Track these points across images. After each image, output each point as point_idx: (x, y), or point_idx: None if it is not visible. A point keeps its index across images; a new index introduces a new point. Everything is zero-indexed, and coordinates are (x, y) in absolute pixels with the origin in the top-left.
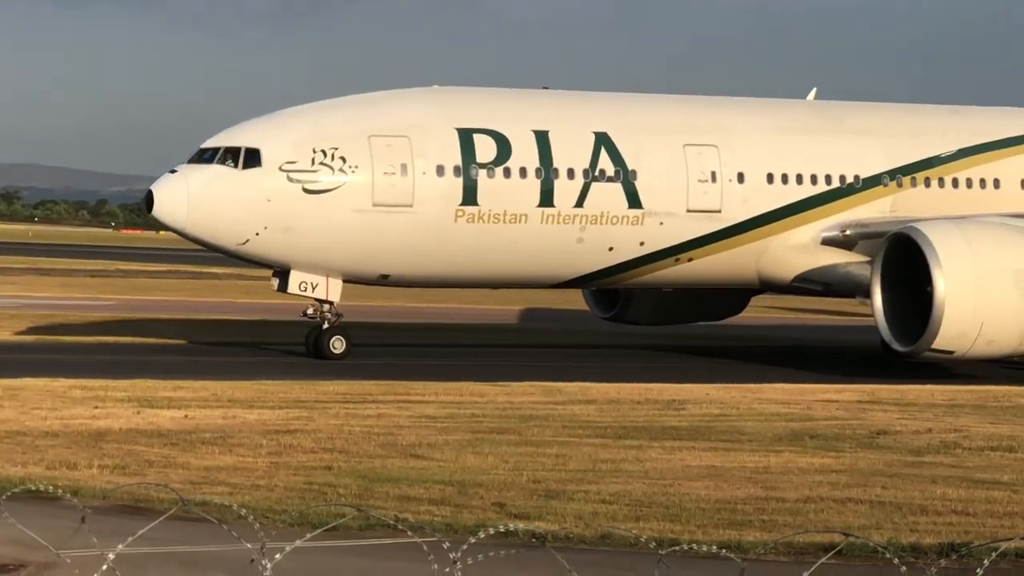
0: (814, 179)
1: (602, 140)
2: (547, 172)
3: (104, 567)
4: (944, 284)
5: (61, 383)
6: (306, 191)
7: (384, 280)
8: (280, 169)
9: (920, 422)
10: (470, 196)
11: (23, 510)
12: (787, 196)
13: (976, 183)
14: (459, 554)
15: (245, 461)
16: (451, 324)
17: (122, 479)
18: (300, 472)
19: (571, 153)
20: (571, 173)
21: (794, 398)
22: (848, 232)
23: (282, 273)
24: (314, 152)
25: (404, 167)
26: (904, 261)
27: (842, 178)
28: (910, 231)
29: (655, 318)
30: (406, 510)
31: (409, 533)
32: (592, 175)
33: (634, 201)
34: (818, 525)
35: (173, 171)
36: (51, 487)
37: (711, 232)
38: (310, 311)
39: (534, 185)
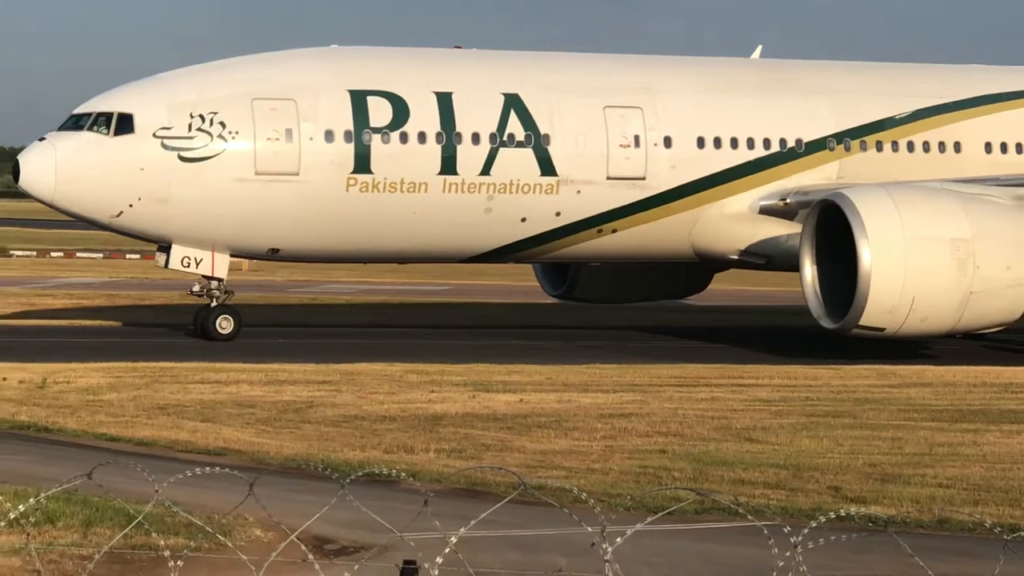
0: (751, 143)
1: (512, 102)
2: (449, 137)
3: (447, 550)
4: (870, 255)
5: (397, 367)
6: (182, 159)
7: (275, 255)
8: (154, 135)
9: None
10: (363, 163)
11: (364, 493)
12: (720, 162)
13: (935, 147)
14: (799, 538)
15: (580, 445)
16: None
17: (460, 463)
18: (635, 456)
19: (477, 116)
20: (476, 138)
21: None
22: (788, 200)
23: (166, 248)
24: (191, 117)
25: (289, 132)
26: (838, 231)
27: (783, 142)
28: (836, 197)
29: (607, 295)
30: (741, 493)
31: (749, 517)
32: (500, 140)
33: (548, 168)
34: None
35: (42, 139)
36: (392, 471)
37: (635, 201)
38: (196, 288)
39: (435, 151)
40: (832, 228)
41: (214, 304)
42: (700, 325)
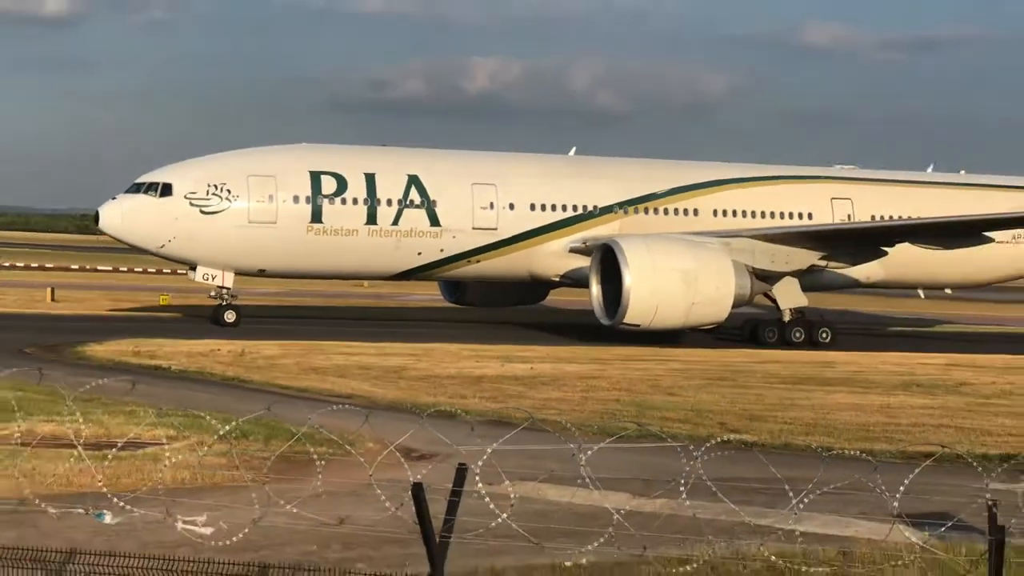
0: (565, 208)
1: (413, 180)
2: (372, 201)
3: (484, 456)
4: (630, 279)
5: (454, 346)
6: (202, 212)
7: (262, 273)
8: (185, 197)
9: (987, 378)
10: (317, 216)
11: (435, 423)
12: (545, 219)
13: (681, 212)
14: (699, 453)
15: (567, 395)
16: None
17: (493, 405)
18: (600, 402)
19: (390, 189)
20: (389, 202)
21: (903, 362)
22: (587, 243)
23: (192, 268)
24: (209, 186)
25: (271, 196)
26: (612, 263)
27: (584, 207)
28: (611, 242)
29: (483, 301)
30: (664, 426)
31: (668, 440)
32: (405, 203)
33: (435, 221)
34: (922, 441)
35: (114, 198)
36: (452, 409)
37: (491, 243)
38: (212, 293)
39: (363, 210)
40: (609, 261)
41: (223, 303)
42: (550, 321)
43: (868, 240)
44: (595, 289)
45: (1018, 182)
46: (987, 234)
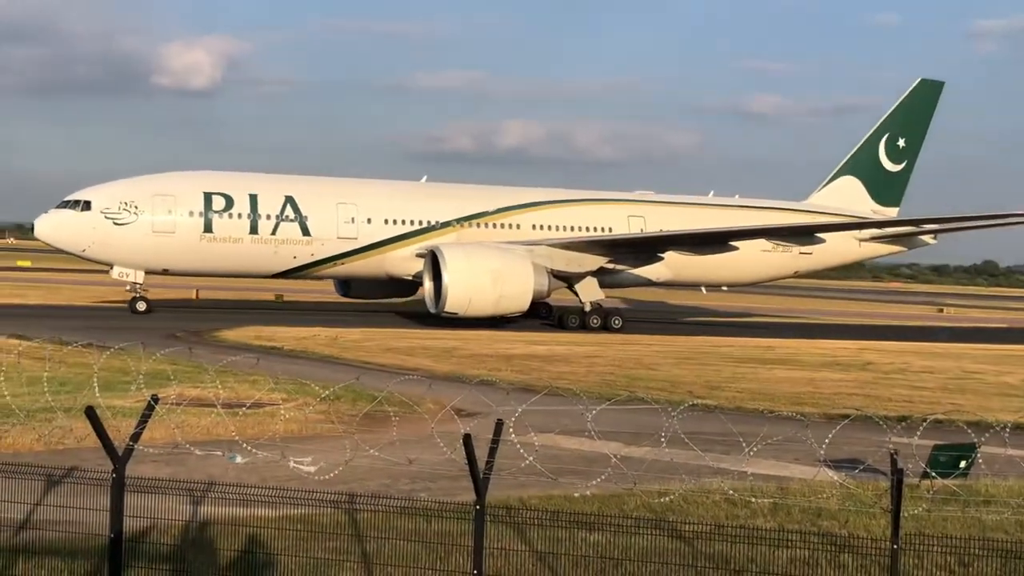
0: (412, 222)
1: (289, 200)
2: (255, 216)
3: (517, 414)
4: (448, 276)
5: (490, 332)
6: (115, 224)
7: (166, 272)
8: (101, 212)
9: (889, 358)
10: (208, 227)
11: (479, 388)
12: (396, 231)
13: (506, 226)
14: (675, 413)
15: (574, 369)
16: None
17: (521, 376)
18: (600, 375)
19: (270, 206)
20: (269, 216)
21: (826, 346)
22: (426, 250)
23: (110, 268)
24: (121, 203)
25: (171, 211)
26: (438, 265)
27: (429, 222)
28: (435, 248)
29: (367, 295)
30: (647, 393)
31: (652, 403)
32: (281, 218)
33: (306, 232)
34: (840, 406)
35: (47, 212)
36: (492, 378)
37: (352, 249)
38: (128, 288)
39: (247, 223)
40: (436, 263)
41: (136, 295)
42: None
43: (641, 247)
44: (427, 285)
45: (779, 204)
46: (733, 243)
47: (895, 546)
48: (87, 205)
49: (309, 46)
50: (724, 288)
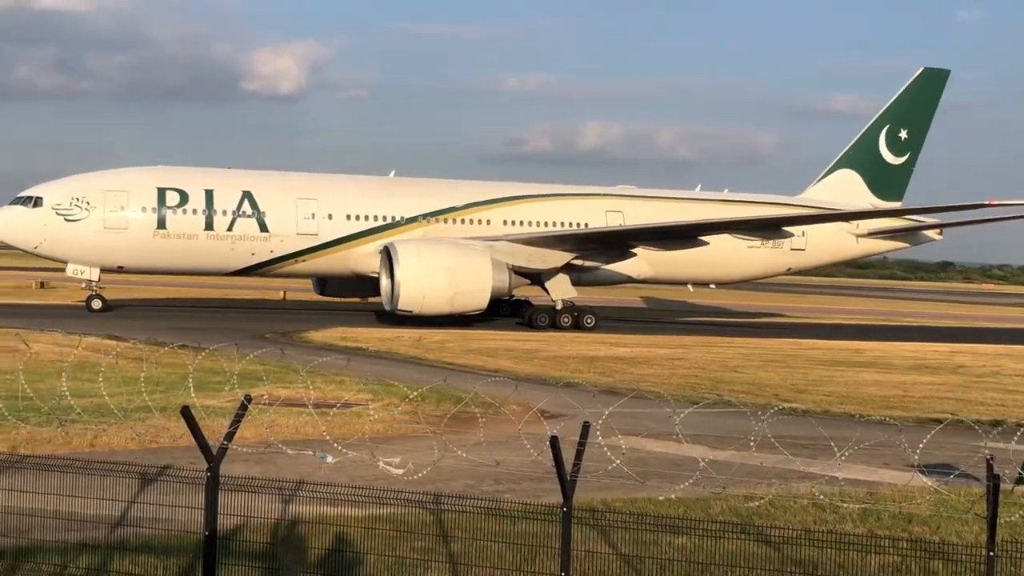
0: (376, 218)
1: (247, 195)
2: (210, 211)
3: (604, 416)
4: (400, 274)
5: (574, 334)
6: (67, 220)
7: (121, 270)
8: (52, 208)
9: (981, 361)
10: (162, 224)
11: (564, 390)
12: (359, 227)
13: (476, 221)
14: (764, 417)
15: (657, 371)
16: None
17: (604, 378)
18: (683, 377)
19: (226, 201)
20: (225, 212)
21: (916, 349)
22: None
23: (65, 265)
24: (72, 199)
25: (123, 207)
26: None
27: (394, 217)
28: (389, 245)
29: (341, 293)
30: (732, 395)
31: (739, 406)
32: (238, 213)
33: (264, 228)
34: (931, 410)
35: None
36: (576, 380)
37: (313, 246)
38: (83, 285)
39: (201, 218)
40: (390, 259)
41: (92, 293)
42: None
43: (607, 242)
44: (384, 282)
45: (767, 199)
46: (702, 238)
47: (991, 553)
48: (39, 201)
49: (389, 51)
50: (712, 286)
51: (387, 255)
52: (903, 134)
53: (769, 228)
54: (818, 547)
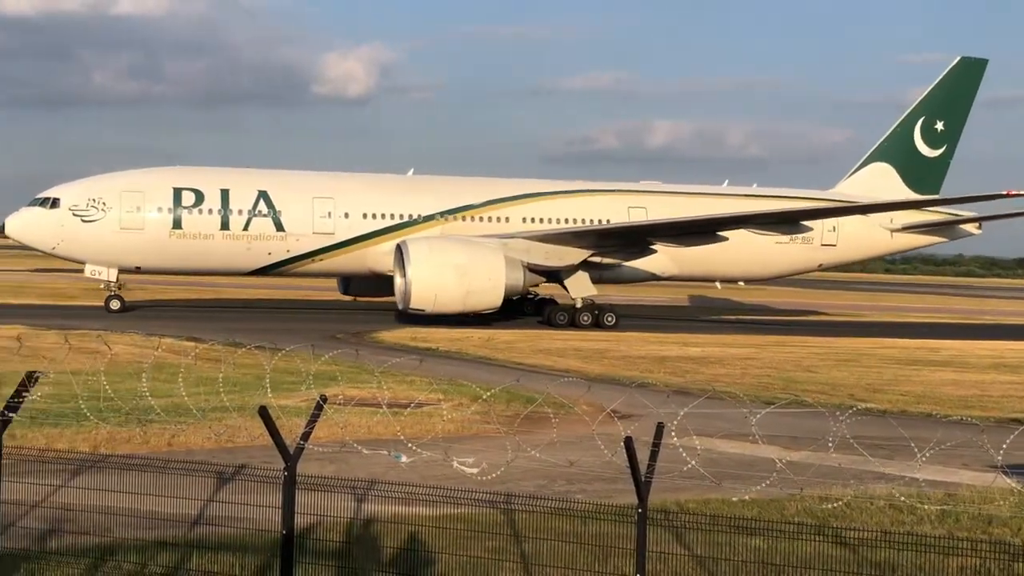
0: (392, 216)
1: (263, 194)
2: (226, 211)
3: (679, 417)
4: (412, 272)
5: (638, 334)
6: (83, 221)
7: (138, 271)
8: (69, 209)
9: None
10: (178, 224)
11: (635, 391)
12: (375, 225)
13: (494, 219)
14: (843, 417)
15: (729, 371)
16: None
17: (675, 379)
18: (756, 377)
19: (242, 201)
20: (241, 211)
21: (994, 347)
22: None
23: (83, 266)
24: (89, 200)
25: (139, 208)
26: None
27: (411, 216)
28: (401, 243)
29: (362, 293)
30: (806, 395)
31: (816, 407)
32: (254, 213)
33: (280, 227)
34: (1010, 410)
35: (17, 211)
36: (648, 381)
37: (329, 245)
38: (102, 286)
39: (217, 218)
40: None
41: (111, 294)
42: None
43: (625, 238)
44: (398, 281)
45: (796, 193)
46: (722, 233)
47: None
48: (55, 203)
49: (456, 53)
50: (741, 284)
51: (399, 253)
52: (939, 126)
53: (787, 222)
54: (896, 549)
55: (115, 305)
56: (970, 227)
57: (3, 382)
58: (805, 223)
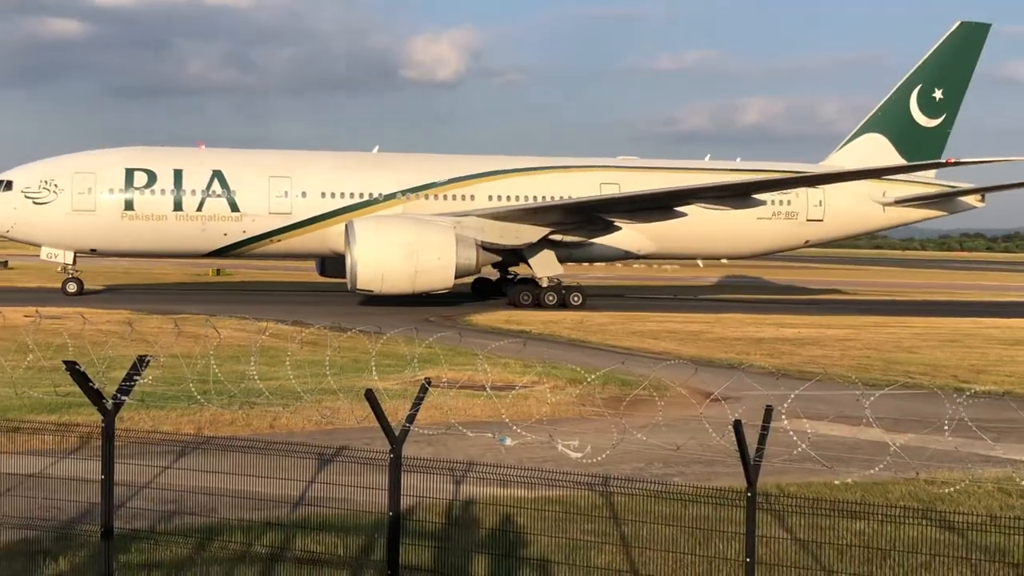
0: (352, 195)
1: (217, 174)
2: (179, 192)
3: (790, 399)
4: (357, 252)
5: (738, 316)
6: (35, 203)
7: (94, 253)
8: (21, 191)
9: None
10: (129, 205)
11: (726, 373)
12: (334, 205)
13: (459, 197)
14: (959, 399)
15: (828, 353)
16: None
17: (773, 360)
18: (855, 358)
19: (196, 181)
20: (194, 192)
21: None
22: None
23: (40, 248)
24: (41, 182)
25: (90, 189)
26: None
27: (371, 194)
28: (348, 223)
29: (338, 274)
30: (908, 376)
31: (923, 389)
32: (208, 193)
33: (235, 208)
34: None
35: None
36: (741, 363)
37: (286, 225)
38: (59, 269)
39: (170, 199)
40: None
41: (68, 276)
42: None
43: (582, 214)
44: (348, 261)
45: (783, 167)
46: (680, 208)
47: None
48: (9, 185)
49: (544, 35)
50: (724, 261)
51: (348, 233)
52: (938, 94)
53: (737, 195)
54: (1005, 534)
55: (72, 288)
56: (972, 200)
57: (113, 365)
58: (757, 196)
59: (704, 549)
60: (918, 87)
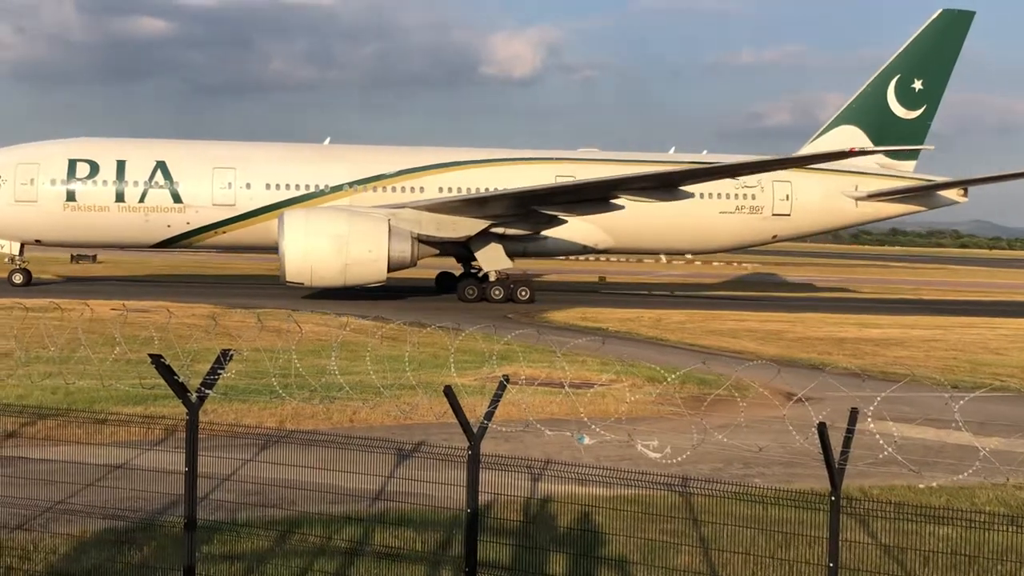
0: (298, 187)
1: (160, 165)
2: (120, 183)
3: (876, 401)
4: (285, 245)
5: (819, 315)
6: None
7: (39, 243)
8: None
9: None
10: (72, 196)
11: (809, 375)
12: (280, 196)
13: (408, 189)
14: None
15: (912, 354)
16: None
17: (855, 361)
18: (940, 360)
19: (138, 172)
20: (136, 183)
21: None
22: None
23: None
24: None
25: (33, 180)
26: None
27: (317, 186)
28: (280, 215)
29: None
30: (995, 379)
31: (1019, 391)
32: (150, 184)
33: (178, 199)
34: None
35: None
36: (822, 363)
37: (231, 217)
38: (7, 260)
39: (112, 190)
40: None
41: (14, 267)
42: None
43: (513, 206)
44: (279, 252)
45: (747, 159)
46: (616, 201)
47: None
48: None
49: (622, 31)
50: (689, 256)
51: (279, 224)
52: (917, 85)
53: (664, 187)
54: None
55: (18, 279)
56: (952, 194)
57: (198, 359)
58: (684, 188)
59: (785, 553)
60: (896, 77)
